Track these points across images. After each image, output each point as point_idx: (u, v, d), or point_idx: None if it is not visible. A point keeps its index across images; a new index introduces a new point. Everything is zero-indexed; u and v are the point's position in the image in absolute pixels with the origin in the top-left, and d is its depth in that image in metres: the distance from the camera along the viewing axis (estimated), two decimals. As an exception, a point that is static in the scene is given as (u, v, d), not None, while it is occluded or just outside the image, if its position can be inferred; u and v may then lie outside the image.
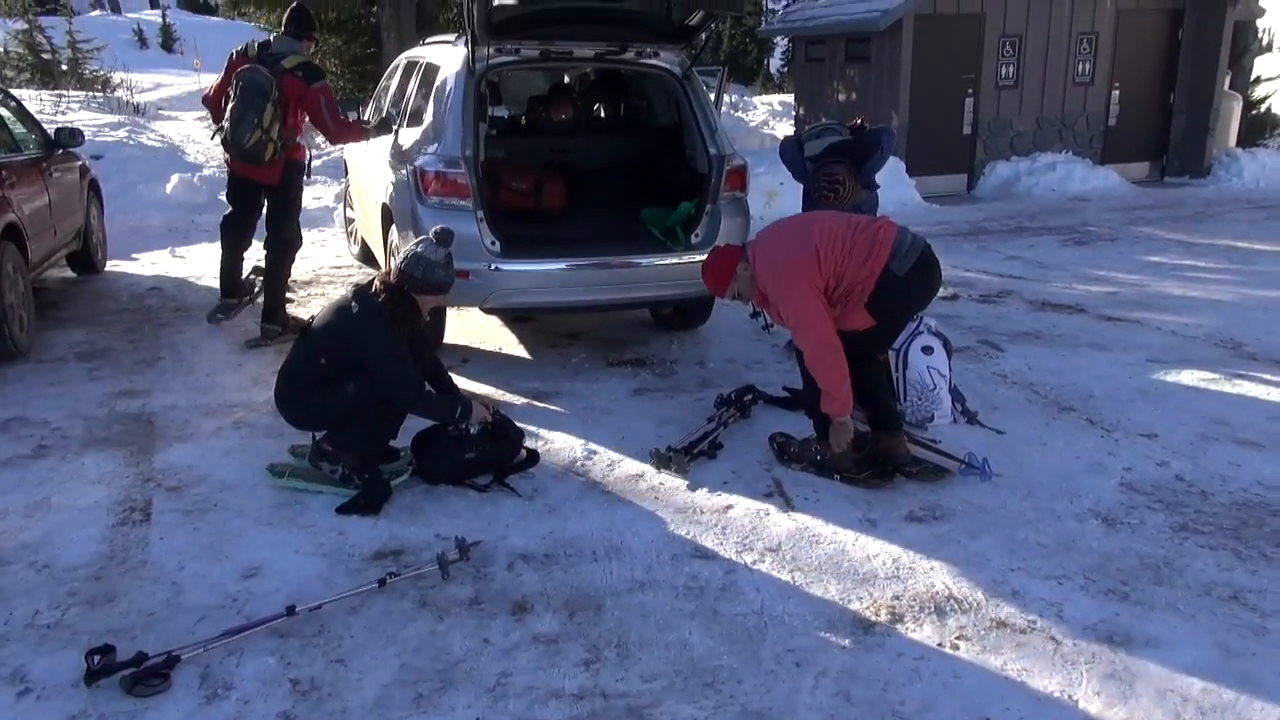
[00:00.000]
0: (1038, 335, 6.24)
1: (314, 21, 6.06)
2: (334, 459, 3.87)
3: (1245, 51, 15.20)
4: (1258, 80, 17.65)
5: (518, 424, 4.27)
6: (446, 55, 5.58)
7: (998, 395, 5.11)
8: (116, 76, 19.85)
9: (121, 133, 12.57)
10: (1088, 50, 12.49)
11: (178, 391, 5.16)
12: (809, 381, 4.09)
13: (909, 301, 4.03)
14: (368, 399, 3.78)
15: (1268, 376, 5.34)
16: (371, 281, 3.85)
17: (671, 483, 4.07)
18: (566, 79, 7.58)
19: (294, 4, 6.01)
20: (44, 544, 3.52)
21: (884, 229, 3.91)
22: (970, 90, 12.14)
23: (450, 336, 5.78)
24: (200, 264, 8.47)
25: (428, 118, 5.43)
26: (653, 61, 5.62)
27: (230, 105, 5.52)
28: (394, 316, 3.75)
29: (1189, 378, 5.34)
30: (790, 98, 20.96)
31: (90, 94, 16.64)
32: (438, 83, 5.46)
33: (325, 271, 7.99)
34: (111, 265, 8.30)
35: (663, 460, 4.18)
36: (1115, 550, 3.47)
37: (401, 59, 6.97)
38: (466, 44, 5.14)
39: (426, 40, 6.75)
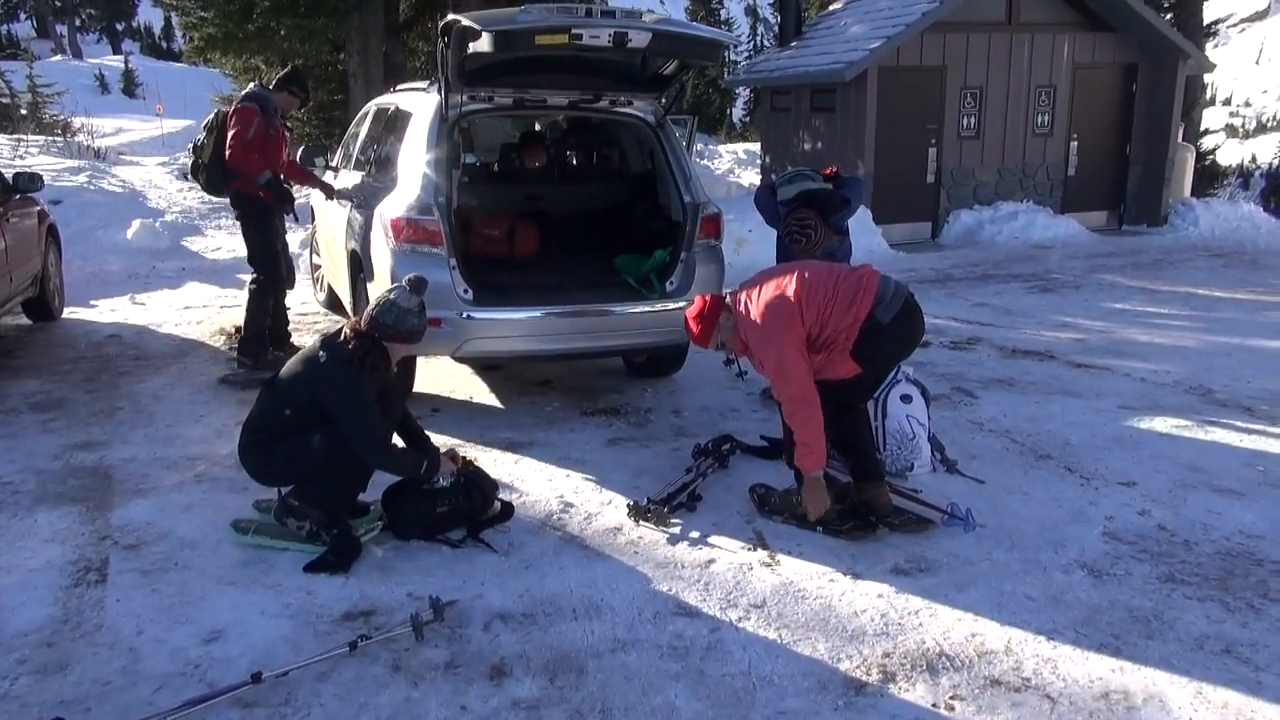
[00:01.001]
0: (1011, 382, 6.25)
1: (297, 80, 6.37)
2: (300, 514, 3.72)
3: (1194, 105, 15.70)
4: (1206, 132, 18.22)
5: (491, 476, 4.15)
6: (419, 102, 5.54)
7: (975, 443, 5.08)
8: (77, 121, 19.63)
9: (81, 178, 12.39)
10: (1046, 103, 12.77)
11: (137, 443, 4.99)
12: (790, 431, 4.03)
13: (893, 349, 4.00)
14: (335, 452, 3.65)
15: (1238, 423, 5.37)
16: (340, 330, 3.75)
17: (651, 536, 3.97)
18: (539, 126, 7.57)
19: (291, 64, 6.91)
20: (-8, 608, 3.34)
21: (867, 277, 3.89)
22: (933, 140, 12.34)
23: (420, 385, 5.67)
24: (161, 311, 8.28)
25: (400, 164, 5.36)
26: (626, 110, 5.63)
27: None
28: (364, 364, 3.65)
29: (1162, 425, 5.35)
30: (754, 146, 21.27)
31: (50, 139, 16.41)
32: (410, 129, 5.41)
33: (290, 317, 7.82)
34: (69, 312, 8.09)
35: (641, 513, 4.08)
36: (1104, 603, 3.42)
37: (372, 105, 6.92)
38: (440, 90, 5.10)
39: (398, 87, 6.72)
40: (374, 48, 14.01)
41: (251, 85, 6.19)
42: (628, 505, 4.16)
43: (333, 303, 7.84)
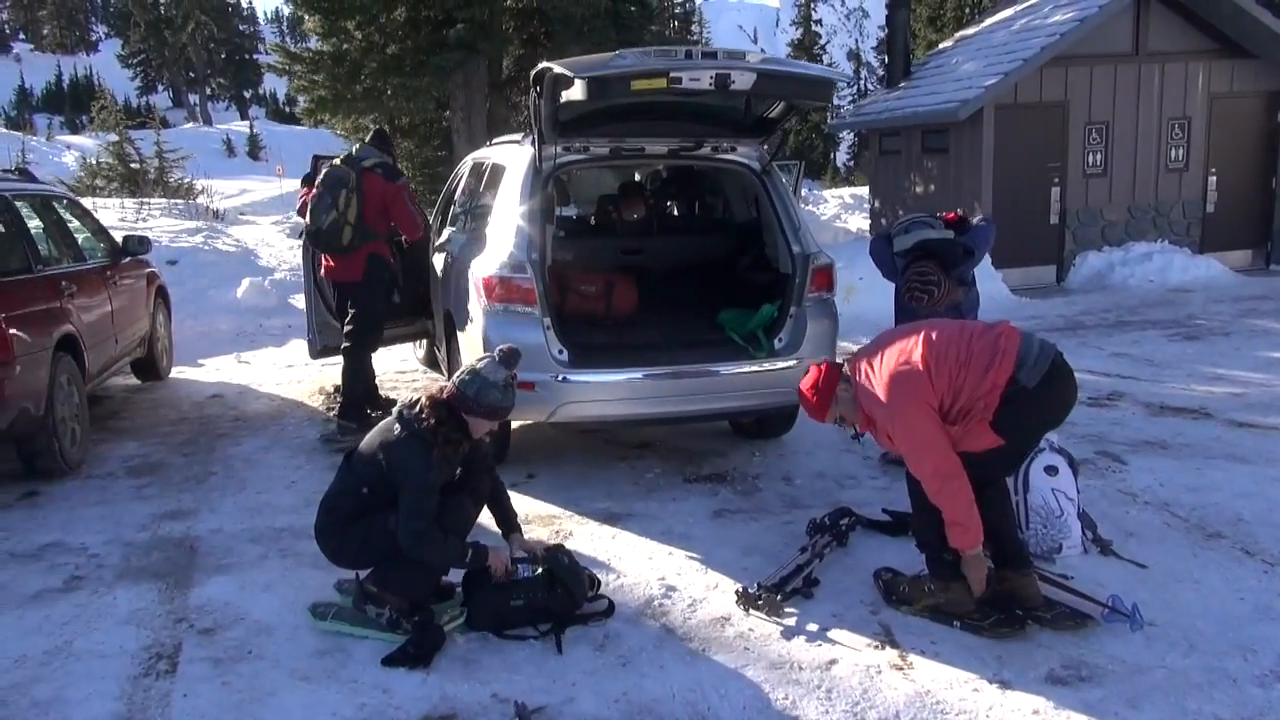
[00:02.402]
0: (1163, 445, 5.59)
1: (392, 143, 6.45)
2: (379, 601, 3.43)
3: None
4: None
5: (583, 573, 3.69)
6: (512, 155, 5.33)
7: (1129, 519, 4.48)
8: (200, 184, 20.52)
9: (198, 238, 12.76)
10: (1180, 136, 11.93)
11: (225, 512, 4.83)
12: (920, 507, 3.56)
13: (1042, 417, 3.49)
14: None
15: None
16: (418, 399, 3.48)
17: (762, 628, 3.53)
18: (638, 176, 7.31)
19: (378, 126, 6.83)
20: (56, 701, 3.13)
21: (1006, 335, 3.42)
22: (1056, 179, 11.64)
23: (514, 449, 5.38)
24: (264, 370, 8.31)
25: (493, 220, 5.15)
26: (730, 156, 5.30)
27: (313, 194, 5.83)
28: (436, 436, 3.35)
29: (1353, 498, 4.65)
30: (860, 190, 20.74)
31: (172, 201, 17.14)
32: (503, 183, 5.20)
33: (389, 377, 7.71)
34: (176, 371, 8.18)
35: (751, 601, 3.66)
36: (1317, 729, 2.83)
37: (468, 160, 6.79)
38: (533, 143, 4.87)
39: (493, 141, 6.57)
40: (478, 104, 14.15)
41: (371, 151, 5.98)
42: (736, 591, 3.73)
43: (432, 360, 7.71)
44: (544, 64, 4.32)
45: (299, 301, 11.17)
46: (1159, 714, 2.93)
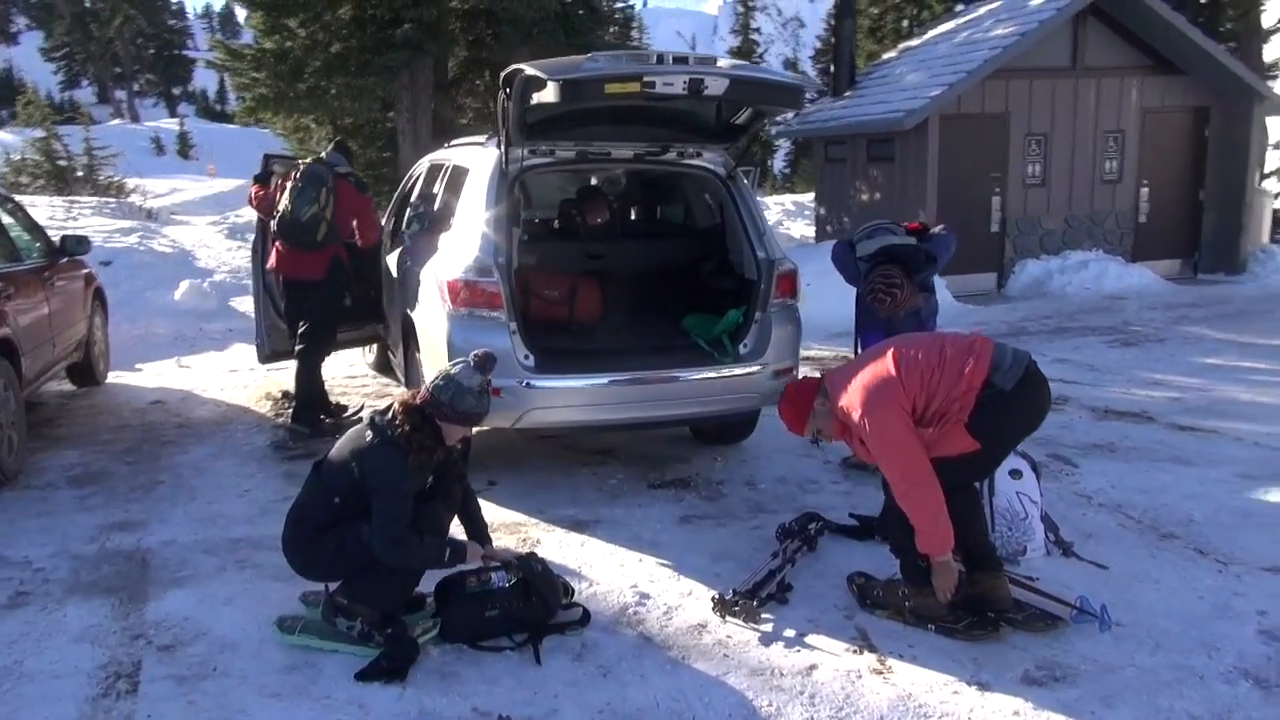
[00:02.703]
0: (1111, 448, 5.74)
1: (352, 156, 6.67)
2: (350, 613, 3.34)
3: (1261, 149, 15.06)
4: (1264, 176, 17.48)
5: (558, 581, 3.65)
6: (476, 157, 5.25)
7: (1086, 520, 4.59)
8: (131, 182, 19.88)
9: (132, 238, 12.36)
10: (1115, 148, 12.32)
11: (177, 523, 4.66)
12: (892, 512, 3.59)
13: (1017, 422, 3.54)
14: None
15: (1383, 495, 4.82)
16: (390, 405, 3.40)
17: (740, 635, 3.52)
18: (594, 180, 7.27)
19: (339, 138, 7.16)
20: (9, 725, 2.98)
21: (979, 342, 3.48)
22: (997, 189, 11.93)
23: (475, 455, 5.29)
24: (206, 374, 8.06)
25: (456, 223, 5.07)
26: (695, 162, 5.30)
27: (290, 187, 5.82)
28: (410, 442, 3.28)
29: (1295, 498, 4.82)
30: (801, 197, 20.98)
31: (103, 200, 16.57)
32: (467, 186, 5.11)
33: (339, 382, 7.55)
34: (114, 376, 7.89)
35: (727, 607, 3.65)
36: (1284, 724, 2.91)
37: (424, 162, 6.67)
38: (499, 145, 4.80)
39: (453, 142, 6.47)
40: (423, 105, 13.93)
41: (340, 159, 6.04)
42: (712, 598, 3.72)
43: (383, 364, 7.57)
44: (515, 65, 4.26)
45: (240, 304, 10.92)
46: (1134, 713, 2.99)
